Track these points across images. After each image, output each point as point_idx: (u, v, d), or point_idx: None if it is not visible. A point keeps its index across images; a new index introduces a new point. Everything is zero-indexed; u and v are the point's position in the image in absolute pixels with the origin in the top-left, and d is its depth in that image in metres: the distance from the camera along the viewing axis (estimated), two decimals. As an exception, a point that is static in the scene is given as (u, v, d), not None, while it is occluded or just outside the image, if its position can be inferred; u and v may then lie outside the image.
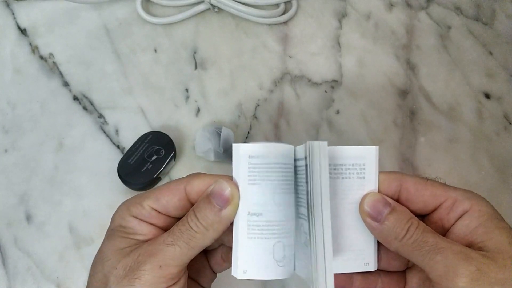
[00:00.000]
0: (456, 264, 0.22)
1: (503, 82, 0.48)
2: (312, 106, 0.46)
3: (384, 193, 0.26)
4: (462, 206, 0.25)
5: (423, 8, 0.51)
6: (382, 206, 0.25)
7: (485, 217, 0.24)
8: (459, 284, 0.22)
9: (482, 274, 0.22)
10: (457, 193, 0.25)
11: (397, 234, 0.24)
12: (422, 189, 0.26)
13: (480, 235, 0.24)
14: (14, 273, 0.40)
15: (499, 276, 0.22)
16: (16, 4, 0.51)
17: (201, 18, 0.51)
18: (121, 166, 0.41)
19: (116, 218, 0.26)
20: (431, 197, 0.26)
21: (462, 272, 0.22)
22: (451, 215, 0.25)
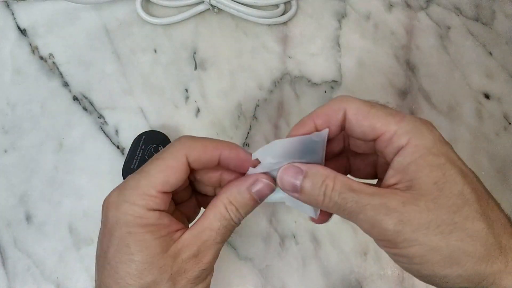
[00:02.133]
0: (377, 219, 0.22)
1: (502, 83, 0.48)
2: (312, 107, 0.46)
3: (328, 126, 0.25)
4: (399, 141, 0.23)
5: (423, 9, 0.51)
6: (293, 176, 0.24)
7: (419, 153, 0.23)
8: (384, 235, 0.22)
9: (405, 223, 0.22)
10: (398, 126, 0.24)
11: (316, 200, 0.24)
12: (362, 119, 0.25)
13: (410, 174, 0.23)
14: (14, 273, 0.40)
15: (421, 221, 0.22)
16: (16, 4, 0.51)
17: (201, 18, 0.51)
18: (127, 173, 0.41)
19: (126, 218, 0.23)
20: (369, 128, 0.24)
21: (384, 226, 0.22)
22: (389, 150, 0.24)
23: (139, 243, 0.23)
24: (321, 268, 0.41)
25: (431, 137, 0.23)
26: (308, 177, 0.24)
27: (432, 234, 0.22)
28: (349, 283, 0.40)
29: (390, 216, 0.22)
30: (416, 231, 0.22)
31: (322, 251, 0.41)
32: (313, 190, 0.24)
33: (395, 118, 0.24)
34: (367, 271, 0.40)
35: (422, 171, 0.23)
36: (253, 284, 0.40)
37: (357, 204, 0.23)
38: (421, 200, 0.22)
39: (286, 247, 0.41)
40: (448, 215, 0.22)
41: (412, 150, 0.23)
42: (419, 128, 0.24)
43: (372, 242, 0.41)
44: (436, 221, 0.22)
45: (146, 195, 0.24)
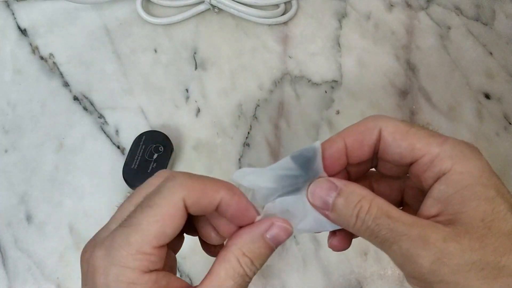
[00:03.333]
0: (413, 253, 0.20)
1: (503, 83, 0.48)
2: (312, 107, 0.46)
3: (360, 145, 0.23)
4: (441, 166, 0.21)
5: (423, 9, 0.51)
6: (326, 193, 0.22)
7: (465, 182, 0.20)
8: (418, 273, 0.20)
9: (443, 263, 0.19)
10: (440, 148, 0.21)
11: (348, 221, 0.22)
12: (400, 138, 0.22)
13: (454, 206, 0.20)
14: (14, 273, 0.40)
15: (463, 262, 0.19)
16: (16, 4, 0.51)
17: (201, 18, 0.51)
18: (127, 174, 0.41)
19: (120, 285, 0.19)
20: (408, 149, 0.22)
21: (420, 262, 0.19)
22: (428, 175, 0.21)
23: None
24: (321, 268, 0.41)
25: (478, 165, 0.21)
26: (342, 195, 0.22)
27: (474, 278, 0.19)
28: (349, 283, 0.40)
29: (427, 252, 0.19)
30: (456, 273, 0.19)
31: (322, 251, 0.41)
32: (346, 209, 0.22)
33: (437, 139, 0.22)
34: (367, 271, 0.40)
35: (469, 205, 0.20)
36: (253, 284, 0.40)
37: (392, 233, 0.20)
38: (465, 238, 0.19)
39: (286, 247, 0.41)
40: (494, 257, 0.19)
41: (457, 178, 0.20)
42: (465, 153, 0.21)
43: (372, 242, 0.41)
44: (480, 263, 0.19)
45: (140, 254, 0.19)
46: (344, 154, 0.24)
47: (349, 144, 0.23)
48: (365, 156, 0.24)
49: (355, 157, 0.24)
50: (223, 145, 0.45)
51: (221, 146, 0.45)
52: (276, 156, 0.44)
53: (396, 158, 0.23)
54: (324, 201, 0.22)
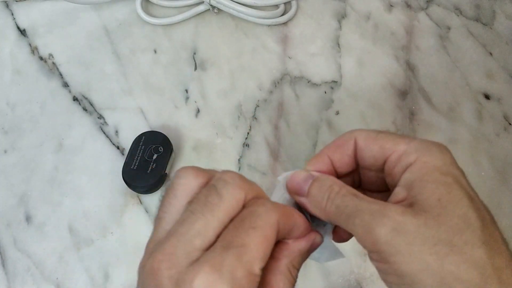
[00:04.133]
0: (372, 225, 0.21)
1: (503, 83, 0.48)
2: (312, 107, 0.46)
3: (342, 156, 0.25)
4: (407, 159, 0.23)
5: (423, 9, 0.51)
6: (303, 180, 0.25)
7: (426, 169, 0.22)
8: (376, 244, 0.21)
9: (399, 233, 0.20)
10: (408, 146, 0.23)
11: (319, 203, 0.24)
12: (371, 143, 0.24)
13: (415, 189, 0.22)
14: (13, 274, 0.40)
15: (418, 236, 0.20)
16: (16, 4, 0.51)
17: (200, 19, 0.51)
18: (127, 174, 0.41)
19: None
20: (379, 150, 0.24)
21: (378, 232, 0.21)
22: (397, 169, 0.23)
23: None
24: (321, 269, 0.40)
25: (441, 157, 0.23)
26: (317, 181, 0.24)
27: (427, 253, 0.20)
28: (349, 284, 0.40)
29: (385, 223, 0.21)
30: (411, 245, 0.20)
31: (322, 251, 0.41)
32: (319, 193, 0.24)
33: (405, 139, 0.24)
34: (367, 271, 0.40)
35: (427, 187, 0.21)
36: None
37: (355, 208, 0.22)
38: (422, 215, 0.21)
39: (286, 248, 0.41)
40: (447, 235, 0.20)
41: (420, 167, 0.22)
42: (430, 148, 0.23)
43: (372, 243, 0.41)
44: (433, 239, 0.20)
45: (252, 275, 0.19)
46: (331, 167, 0.26)
47: (332, 158, 0.26)
48: (349, 166, 0.26)
49: (341, 168, 0.26)
50: (222, 146, 0.45)
51: (220, 146, 0.45)
52: (276, 157, 0.44)
53: (371, 162, 0.25)
54: (301, 187, 0.25)
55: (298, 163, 0.44)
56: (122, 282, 0.40)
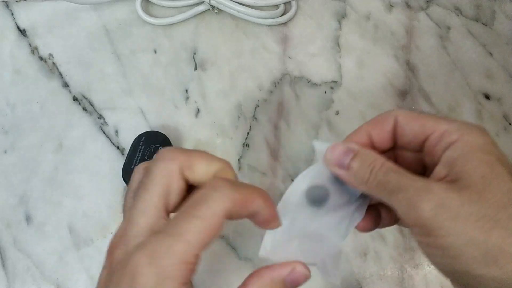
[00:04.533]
0: (417, 200, 0.21)
1: (502, 83, 0.48)
2: (312, 107, 0.46)
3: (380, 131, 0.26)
4: (449, 138, 0.23)
5: (423, 9, 0.51)
6: (343, 153, 0.25)
7: (469, 148, 0.22)
8: (420, 219, 0.21)
9: (444, 208, 0.21)
10: (449, 125, 0.24)
11: (362, 177, 0.24)
12: (412, 121, 0.25)
13: (458, 166, 0.22)
14: (13, 274, 0.40)
15: (462, 210, 0.21)
16: (16, 4, 0.51)
17: (200, 19, 0.51)
18: (126, 174, 0.41)
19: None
20: (420, 128, 0.25)
21: (422, 207, 0.21)
22: (438, 147, 0.24)
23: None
24: (321, 269, 0.40)
25: (482, 137, 0.23)
26: (359, 156, 0.25)
27: (471, 227, 0.20)
28: (349, 284, 0.40)
29: (430, 198, 0.21)
30: (454, 220, 0.20)
31: (322, 251, 0.41)
32: (361, 167, 0.24)
33: (446, 119, 0.24)
34: (367, 271, 0.40)
35: (471, 164, 0.22)
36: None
37: (398, 183, 0.22)
38: (466, 191, 0.21)
39: (286, 248, 0.41)
40: (491, 210, 0.20)
41: (462, 145, 0.23)
42: (471, 128, 0.23)
43: (372, 242, 0.41)
44: (477, 214, 0.20)
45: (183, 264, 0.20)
46: (369, 142, 0.26)
47: (371, 133, 0.26)
48: (387, 143, 0.26)
49: (379, 145, 0.27)
50: (222, 146, 0.45)
51: (220, 146, 0.45)
52: (276, 157, 0.44)
53: (411, 139, 0.25)
54: (341, 161, 0.25)
55: (298, 163, 0.44)
56: (122, 282, 0.40)
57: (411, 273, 0.40)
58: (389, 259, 0.41)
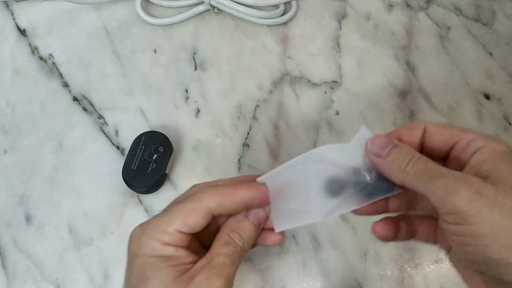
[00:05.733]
0: (456, 187, 0.23)
1: (502, 83, 0.48)
2: (312, 107, 0.46)
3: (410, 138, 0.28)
4: (476, 144, 0.25)
5: (423, 9, 0.51)
6: (384, 144, 0.27)
7: (495, 152, 0.25)
8: (457, 204, 0.22)
9: (481, 196, 0.22)
10: (475, 135, 0.26)
11: (399, 164, 0.26)
12: (441, 130, 0.27)
13: (487, 166, 0.24)
14: (13, 274, 0.40)
15: (498, 200, 0.22)
16: (16, 4, 0.51)
17: (200, 19, 0.51)
18: (126, 174, 0.41)
19: (145, 250, 0.26)
20: (449, 136, 0.27)
21: (461, 193, 0.22)
22: (466, 152, 0.26)
23: (155, 270, 0.25)
24: (321, 269, 0.40)
25: (505, 145, 0.25)
26: (398, 147, 0.27)
27: (505, 216, 0.22)
28: (349, 284, 0.40)
29: (468, 186, 0.23)
30: (490, 208, 0.22)
31: (322, 251, 0.41)
32: (400, 155, 0.26)
33: (472, 130, 0.27)
34: (367, 271, 0.40)
35: (499, 164, 0.24)
36: (253, 284, 0.40)
37: (438, 172, 0.24)
38: (499, 185, 0.23)
39: (286, 248, 0.41)
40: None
41: (489, 150, 0.25)
42: (494, 138, 0.26)
43: (372, 242, 0.41)
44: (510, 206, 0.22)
45: (164, 232, 0.26)
46: None
47: (403, 138, 0.28)
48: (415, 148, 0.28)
49: None
50: (222, 146, 0.45)
51: (220, 146, 0.45)
52: (276, 157, 0.44)
53: (439, 145, 0.27)
54: (382, 148, 0.27)
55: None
56: (122, 282, 0.40)
57: (411, 273, 0.40)
58: (389, 259, 0.41)
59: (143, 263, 0.26)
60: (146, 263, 0.26)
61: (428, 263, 0.41)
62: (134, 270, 0.26)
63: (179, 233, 0.26)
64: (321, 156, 0.29)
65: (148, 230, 0.27)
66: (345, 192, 0.28)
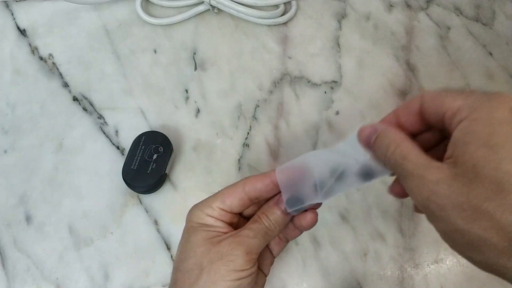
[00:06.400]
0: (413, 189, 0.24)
1: (503, 83, 0.48)
2: (312, 107, 0.46)
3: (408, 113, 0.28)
4: (460, 115, 0.23)
5: (423, 9, 0.51)
6: (369, 133, 0.28)
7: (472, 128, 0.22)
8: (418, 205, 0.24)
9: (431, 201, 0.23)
10: (464, 102, 0.24)
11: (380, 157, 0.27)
12: (434, 99, 0.26)
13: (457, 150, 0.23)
14: (13, 274, 0.40)
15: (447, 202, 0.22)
16: (16, 4, 0.51)
17: (200, 19, 0.51)
18: (126, 174, 0.41)
19: (193, 218, 0.32)
20: (439, 105, 0.25)
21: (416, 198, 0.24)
22: (452, 125, 0.24)
23: (195, 232, 0.31)
24: (321, 269, 0.40)
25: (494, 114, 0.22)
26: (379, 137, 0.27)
27: (458, 217, 0.22)
28: (349, 284, 0.40)
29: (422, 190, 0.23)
30: (442, 210, 0.22)
31: (322, 251, 0.41)
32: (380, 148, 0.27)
33: (465, 94, 0.24)
34: (367, 271, 0.40)
35: (467, 149, 0.22)
36: (253, 284, 0.40)
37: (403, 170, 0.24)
38: (456, 181, 0.22)
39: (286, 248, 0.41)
40: (477, 201, 0.21)
41: (467, 124, 0.23)
42: (484, 102, 0.23)
43: (372, 242, 0.41)
44: (463, 205, 0.21)
45: (208, 206, 0.32)
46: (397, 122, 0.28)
47: (400, 115, 0.28)
48: (415, 124, 0.28)
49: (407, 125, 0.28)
50: (222, 146, 0.45)
51: (220, 146, 0.45)
52: (276, 157, 0.44)
53: (433, 116, 0.26)
54: (368, 140, 0.28)
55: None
56: (122, 282, 0.40)
57: (411, 273, 0.40)
58: (389, 259, 0.41)
59: (189, 227, 0.32)
60: (192, 227, 0.31)
61: (428, 263, 0.41)
62: (184, 231, 0.32)
63: (220, 209, 0.31)
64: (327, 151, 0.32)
65: (199, 205, 0.32)
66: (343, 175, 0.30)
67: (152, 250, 0.41)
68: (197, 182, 0.43)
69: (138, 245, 0.41)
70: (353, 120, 0.46)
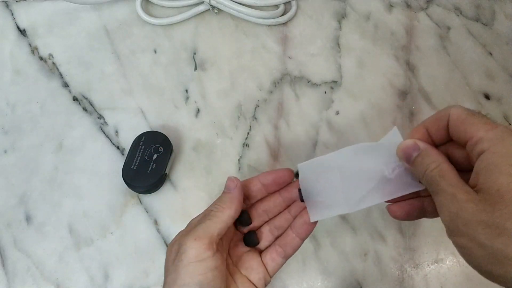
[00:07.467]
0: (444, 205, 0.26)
1: (503, 83, 0.48)
2: (312, 107, 0.46)
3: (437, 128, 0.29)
4: (481, 147, 0.25)
5: (423, 9, 0.51)
6: (411, 150, 0.29)
7: (493, 160, 0.25)
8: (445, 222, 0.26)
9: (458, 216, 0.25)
10: (486, 133, 0.26)
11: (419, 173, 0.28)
12: (459, 124, 0.27)
13: (481, 178, 0.25)
14: (13, 274, 0.40)
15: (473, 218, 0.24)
16: (16, 4, 0.51)
17: (200, 19, 0.51)
18: (126, 174, 0.41)
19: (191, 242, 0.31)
20: (463, 133, 0.27)
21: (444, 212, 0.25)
22: (473, 154, 0.26)
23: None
24: (321, 269, 0.40)
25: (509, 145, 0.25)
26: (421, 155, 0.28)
27: (481, 233, 0.24)
28: (349, 284, 0.40)
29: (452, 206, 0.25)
30: (467, 226, 0.24)
31: (322, 251, 0.41)
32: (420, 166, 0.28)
33: (487, 126, 0.26)
34: (367, 271, 0.40)
35: (490, 177, 0.24)
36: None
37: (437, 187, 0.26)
38: (482, 202, 0.24)
39: (286, 248, 0.41)
40: (500, 219, 0.23)
41: (489, 157, 0.25)
42: (505, 137, 0.25)
43: (372, 242, 0.41)
44: (487, 222, 0.23)
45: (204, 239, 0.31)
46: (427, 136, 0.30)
47: (430, 129, 0.30)
48: (443, 137, 0.29)
49: (435, 138, 0.30)
50: (222, 146, 0.45)
51: (220, 146, 0.45)
52: (276, 157, 0.44)
53: (457, 139, 0.28)
54: (409, 156, 0.29)
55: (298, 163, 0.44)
56: (122, 282, 0.40)
57: (411, 273, 0.40)
58: (389, 259, 0.41)
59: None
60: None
61: (428, 263, 0.41)
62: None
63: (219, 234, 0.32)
64: (351, 153, 0.31)
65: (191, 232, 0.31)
66: (371, 186, 0.31)
67: (152, 250, 0.41)
68: (197, 182, 0.43)
69: (138, 245, 0.41)
70: (353, 120, 0.46)
